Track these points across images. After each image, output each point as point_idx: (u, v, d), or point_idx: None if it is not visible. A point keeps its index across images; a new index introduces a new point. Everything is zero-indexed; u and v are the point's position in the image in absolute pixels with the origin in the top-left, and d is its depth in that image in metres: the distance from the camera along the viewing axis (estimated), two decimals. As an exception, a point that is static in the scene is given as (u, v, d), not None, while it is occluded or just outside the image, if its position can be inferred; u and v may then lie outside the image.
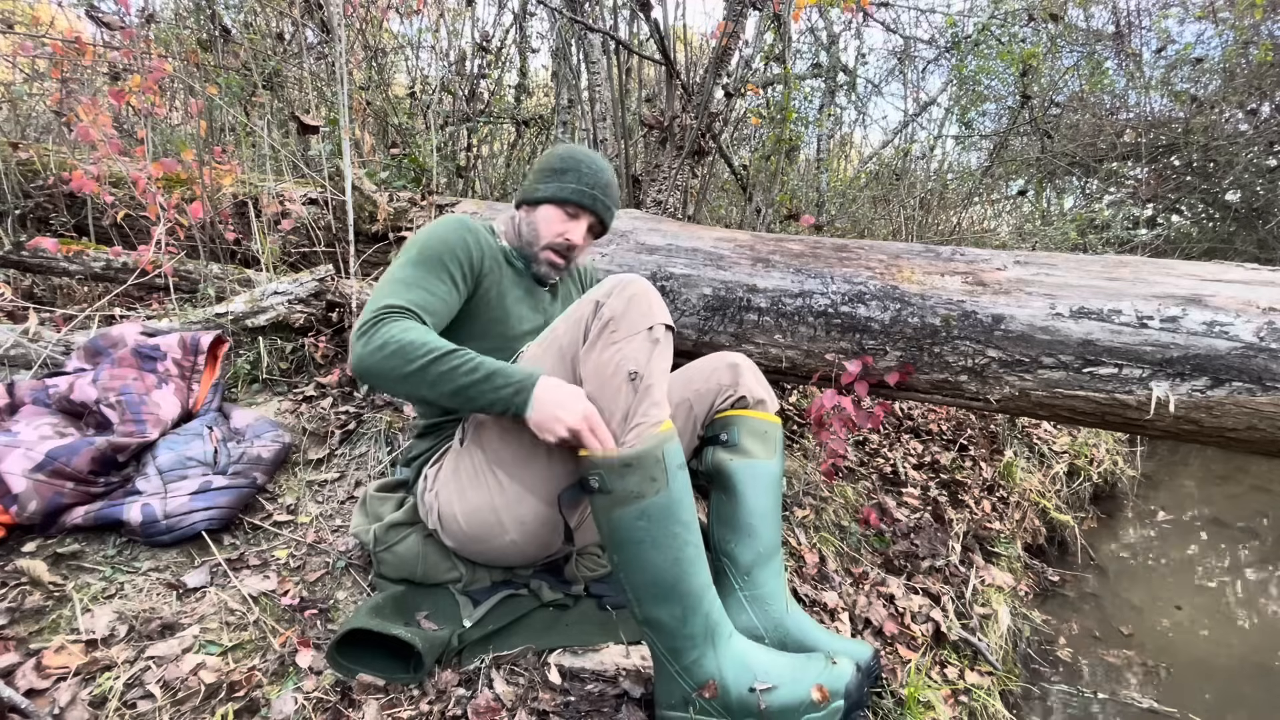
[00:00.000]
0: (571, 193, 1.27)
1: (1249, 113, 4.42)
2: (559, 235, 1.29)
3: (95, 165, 2.12)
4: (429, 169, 2.36)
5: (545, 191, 1.29)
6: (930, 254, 1.69)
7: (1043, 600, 2.18)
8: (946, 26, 3.90)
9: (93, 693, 0.95)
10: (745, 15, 2.39)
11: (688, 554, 1.00)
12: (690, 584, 1.00)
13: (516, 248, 1.34)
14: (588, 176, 1.28)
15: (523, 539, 1.15)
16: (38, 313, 1.81)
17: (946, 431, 2.68)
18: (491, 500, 1.13)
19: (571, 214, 1.29)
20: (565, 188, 1.27)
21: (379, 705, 1.00)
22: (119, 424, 1.40)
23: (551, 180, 1.28)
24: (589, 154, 1.31)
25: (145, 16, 2.37)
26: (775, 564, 1.21)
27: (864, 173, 4.33)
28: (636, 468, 0.98)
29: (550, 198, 1.28)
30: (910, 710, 1.26)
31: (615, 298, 1.04)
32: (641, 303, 1.04)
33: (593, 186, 1.28)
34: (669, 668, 1.01)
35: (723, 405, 1.27)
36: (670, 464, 1.00)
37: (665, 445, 1.00)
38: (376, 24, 3.21)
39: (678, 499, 1.00)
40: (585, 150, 1.32)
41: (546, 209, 1.29)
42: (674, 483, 1.00)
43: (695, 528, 1.02)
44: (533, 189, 1.31)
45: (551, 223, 1.29)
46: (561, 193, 1.27)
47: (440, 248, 1.18)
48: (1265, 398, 1.32)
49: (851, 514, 1.88)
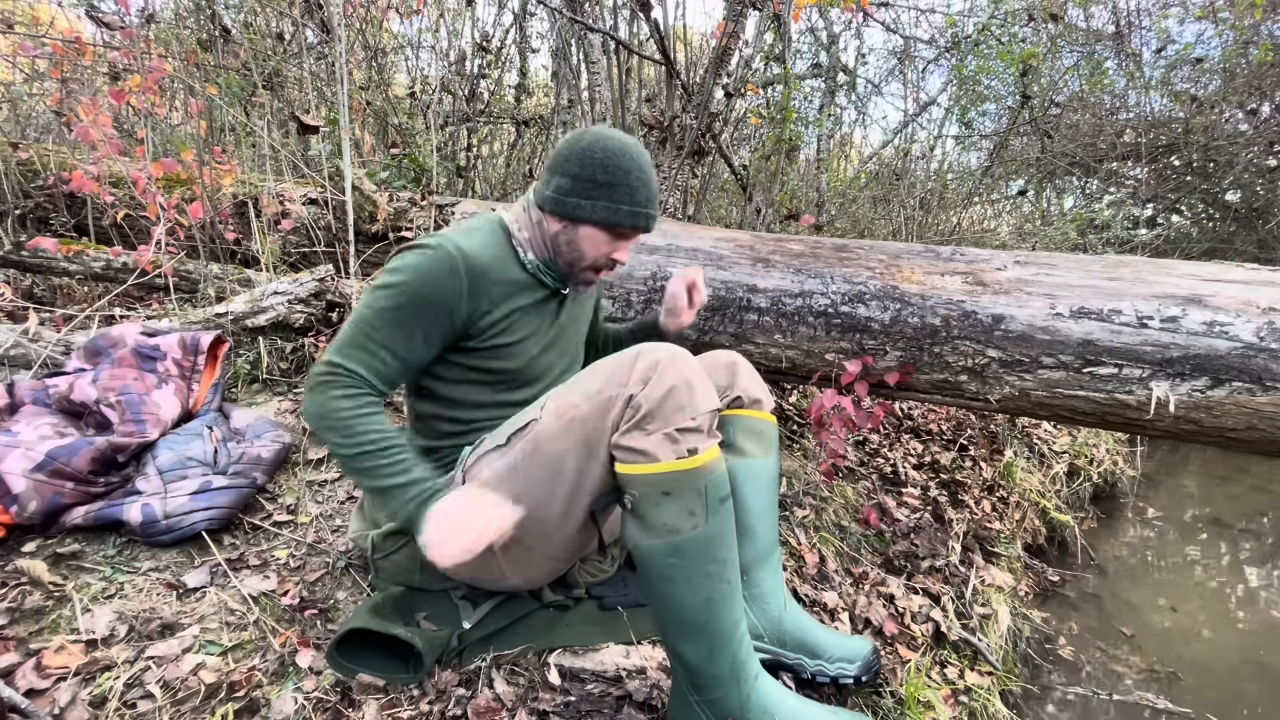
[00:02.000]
0: (626, 216, 1.10)
1: (1249, 113, 4.42)
2: (605, 257, 1.15)
3: (95, 165, 2.12)
4: (429, 169, 2.36)
5: (590, 212, 1.10)
6: (930, 254, 1.69)
7: (1043, 600, 2.18)
8: (946, 26, 3.90)
9: (93, 693, 0.95)
10: (745, 15, 2.40)
11: (721, 592, 0.95)
12: (721, 623, 0.95)
13: (547, 261, 1.17)
14: (640, 192, 1.10)
15: (525, 581, 1.17)
16: (38, 313, 1.81)
17: (946, 431, 2.68)
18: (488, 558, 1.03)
19: (621, 235, 1.14)
20: (617, 210, 1.09)
21: (379, 705, 1.00)
22: (119, 424, 1.40)
23: (597, 196, 1.09)
24: (633, 157, 1.10)
25: (145, 16, 2.37)
26: (773, 562, 1.20)
27: (864, 173, 4.33)
28: (675, 496, 0.92)
29: (599, 220, 1.10)
30: (910, 710, 1.26)
31: (652, 387, 0.93)
32: (680, 395, 0.93)
33: (646, 204, 1.11)
34: (689, 697, 0.99)
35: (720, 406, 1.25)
36: (712, 497, 0.94)
37: (709, 476, 0.93)
38: (376, 24, 3.22)
39: (716, 536, 0.94)
40: (626, 148, 1.10)
41: (591, 230, 1.12)
42: (714, 518, 0.94)
43: (733, 563, 0.97)
44: (573, 204, 1.10)
45: (598, 245, 1.13)
46: (614, 217, 1.09)
47: (415, 299, 1.04)
48: (1265, 398, 1.32)
49: (851, 514, 1.88)
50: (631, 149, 1.10)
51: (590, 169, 1.08)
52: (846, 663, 1.18)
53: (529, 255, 1.16)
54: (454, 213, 2.16)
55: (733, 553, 0.98)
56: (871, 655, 1.20)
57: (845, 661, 1.18)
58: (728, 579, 0.96)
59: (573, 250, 1.14)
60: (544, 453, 1.00)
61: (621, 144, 1.09)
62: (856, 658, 1.19)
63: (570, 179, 1.10)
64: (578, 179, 1.09)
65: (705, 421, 0.95)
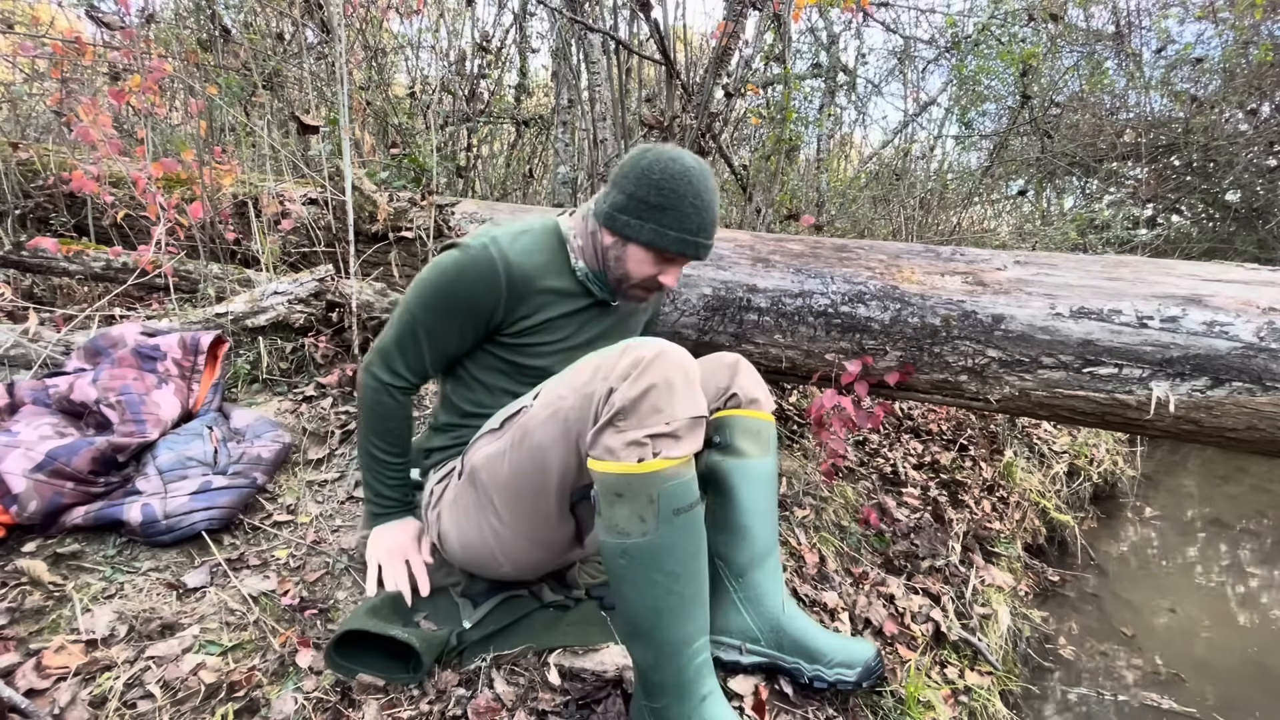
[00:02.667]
0: (673, 242, 1.08)
1: (1249, 113, 4.42)
2: (650, 279, 1.14)
3: (95, 165, 2.12)
4: (429, 169, 2.36)
5: (639, 234, 1.09)
6: (930, 254, 1.69)
7: (1043, 600, 2.18)
8: (946, 26, 3.90)
9: (93, 693, 0.95)
10: (745, 15, 2.40)
11: (669, 604, 0.92)
12: (665, 635, 0.93)
13: (597, 273, 1.18)
14: (692, 219, 1.07)
15: (517, 570, 1.18)
16: (38, 313, 1.81)
17: (946, 431, 2.68)
18: (485, 538, 1.13)
19: (670, 259, 1.13)
20: (665, 236, 1.08)
21: (379, 705, 1.00)
22: (119, 424, 1.40)
23: (647, 218, 1.08)
24: (691, 182, 1.07)
25: (145, 16, 2.37)
26: (771, 563, 1.19)
27: (864, 173, 4.33)
28: (626, 499, 0.91)
29: (647, 241, 1.09)
30: (910, 710, 1.26)
31: (630, 385, 0.91)
32: (657, 396, 0.91)
33: (697, 232, 1.08)
34: (640, 699, 0.99)
35: (717, 406, 1.22)
36: (664, 507, 0.91)
37: (664, 485, 0.91)
38: (376, 24, 3.22)
39: (666, 547, 0.92)
40: (687, 172, 1.07)
41: (638, 251, 1.11)
42: (665, 528, 0.91)
43: (688, 578, 0.94)
44: (624, 222, 1.09)
45: (644, 266, 1.12)
46: (661, 241, 1.08)
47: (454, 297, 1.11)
48: (1265, 398, 1.32)
49: (851, 514, 1.88)
50: (693, 173, 1.07)
51: (645, 189, 1.07)
52: (846, 668, 1.16)
53: (579, 263, 1.18)
54: (454, 212, 2.16)
55: (691, 566, 0.94)
56: (874, 660, 1.17)
57: (844, 667, 1.16)
58: (679, 592, 0.92)
59: (620, 267, 1.14)
60: (531, 441, 1.03)
61: (683, 167, 1.07)
62: (857, 662, 1.16)
63: (626, 196, 1.09)
64: (633, 197, 1.08)
65: (683, 427, 0.92)
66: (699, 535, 0.96)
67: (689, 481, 0.94)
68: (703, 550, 0.96)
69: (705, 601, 0.97)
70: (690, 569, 0.94)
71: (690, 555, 0.94)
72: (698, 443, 0.95)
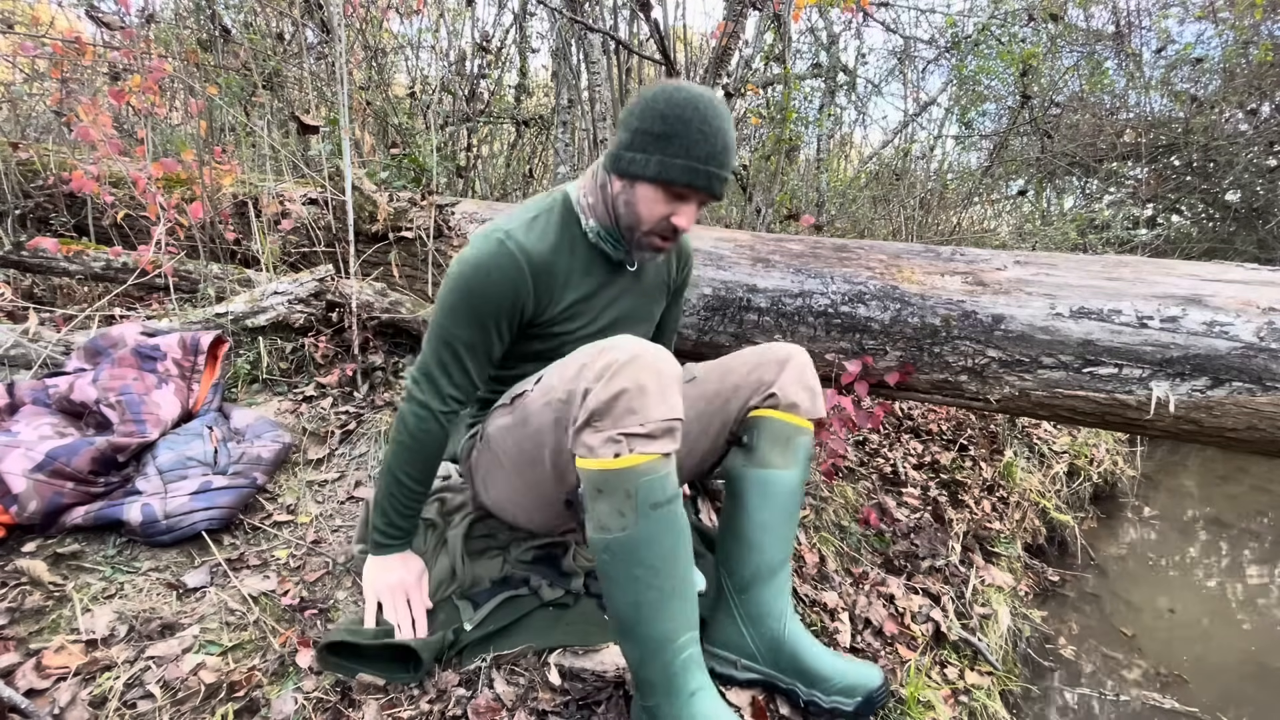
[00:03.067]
0: (680, 171, 1.00)
1: (1249, 113, 4.42)
2: (663, 220, 1.06)
3: (95, 165, 2.12)
4: (429, 169, 2.36)
5: (645, 168, 1.02)
6: (930, 254, 1.69)
7: (1043, 600, 2.18)
8: (946, 26, 3.90)
9: (93, 693, 0.95)
10: (745, 15, 2.40)
11: (649, 599, 0.92)
12: (648, 630, 0.93)
13: (608, 229, 1.13)
14: (700, 146, 0.99)
15: (531, 524, 1.27)
16: (38, 313, 1.81)
17: (946, 431, 2.68)
18: (502, 494, 1.23)
19: (680, 195, 1.04)
20: (671, 165, 1.00)
21: (379, 705, 1.00)
22: (119, 424, 1.40)
23: (653, 149, 1.01)
24: (698, 107, 0.99)
25: (145, 16, 2.37)
26: (778, 581, 1.13)
27: (864, 173, 4.33)
28: (606, 495, 0.92)
29: (653, 175, 1.02)
30: (910, 710, 1.26)
31: (603, 387, 0.91)
32: (629, 399, 0.90)
33: (707, 159, 1.00)
34: (635, 699, 0.99)
35: (755, 403, 1.17)
36: (642, 500, 0.91)
37: (641, 479, 0.91)
38: (376, 24, 3.21)
39: (645, 540, 0.92)
40: (693, 98, 1.00)
41: (646, 189, 1.04)
42: (643, 522, 0.91)
43: (667, 573, 0.93)
44: (629, 159, 1.03)
45: (654, 205, 1.05)
46: (667, 172, 1.01)
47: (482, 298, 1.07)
48: (1265, 398, 1.32)
49: (851, 514, 1.88)
50: (700, 99, 1.00)
51: (649, 120, 1.00)
52: (844, 696, 1.08)
53: (590, 221, 1.13)
54: (454, 212, 2.16)
55: (671, 561, 0.94)
56: (877, 690, 1.09)
57: (843, 695, 1.08)
58: (658, 586, 0.92)
59: (630, 212, 1.07)
60: (530, 425, 1.08)
61: (689, 94, 1.00)
62: (858, 691, 1.08)
63: (631, 133, 1.03)
64: (637, 132, 1.02)
65: (658, 429, 0.92)
66: (678, 529, 0.95)
67: (665, 476, 0.93)
68: (683, 545, 0.96)
69: (689, 597, 0.96)
70: (670, 563, 0.94)
71: (670, 549, 0.94)
72: (674, 442, 0.95)
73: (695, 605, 0.97)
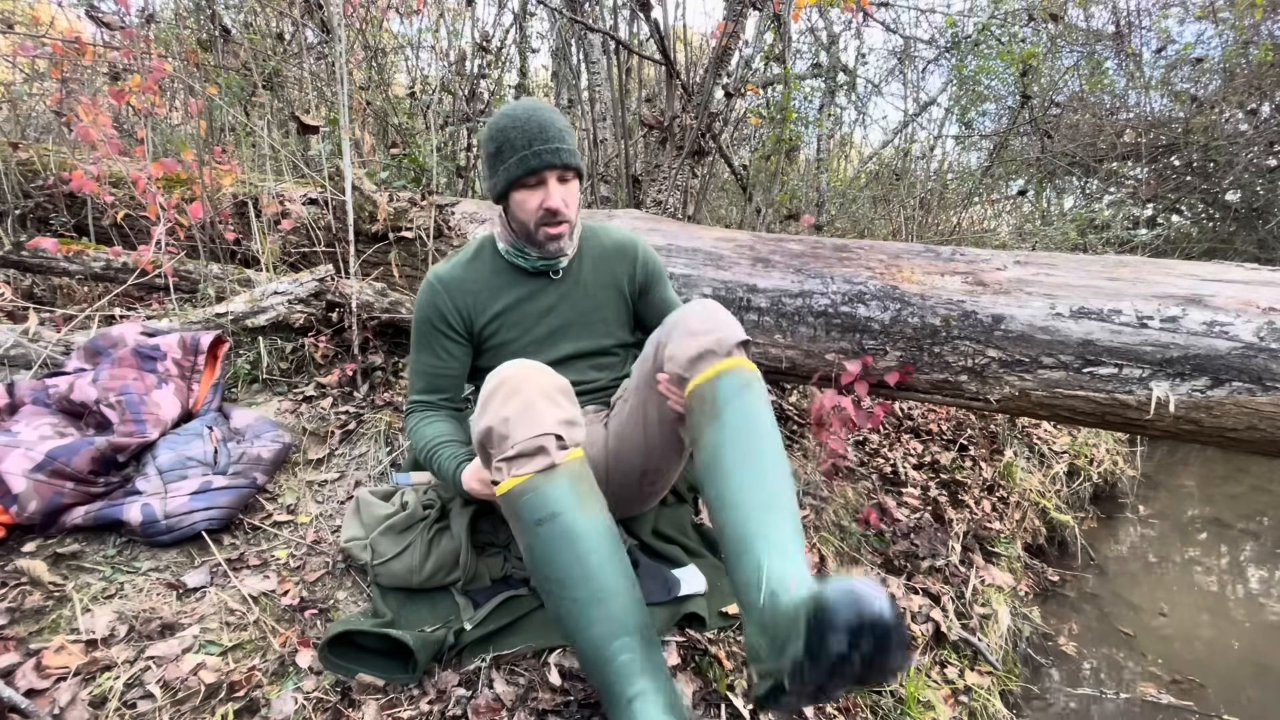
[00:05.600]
0: (517, 166, 1.17)
1: (1249, 113, 4.42)
2: (539, 210, 1.20)
3: (95, 165, 2.12)
4: (429, 169, 2.36)
5: (499, 182, 1.21)
6: (930, 254, 1.68)
7: (1043, 600, 2.18)
8: (946, 26, 3.89)
9: (93, 693, 0.95)
10: (745, 15, 2.40)
11: (566, 610, 0.94)
12: (578, 641, 0.94)
13: (517, 245, 1.29)
14: (519, 139, 1.16)
15: None
16: (38, 313, 1.81)
17: (946, 431, 2.68)
18: None
19: (534, 184, 1.20)
20: (510, 169, 1.18)
21: (379, 705, 1.00)
22: (119, 424, 1.40)
23: (496, 166, 1.20)
24: (511, 114, 1.17)
25: (145, 16, 2.37)
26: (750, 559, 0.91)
27: (864, 173, 4.33)
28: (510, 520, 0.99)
29: (507, 185, 1.20)
30: (910, 710, 1.26)
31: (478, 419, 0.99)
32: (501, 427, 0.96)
33: (530, 144, 1.16)
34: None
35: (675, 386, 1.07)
36: (527, 519, 0.95)
37: (520, 500, 0.95)
38: (376, 24, 3.21)
39: (541, 558, 0.95)
40: (509, 111, 1.19)
41: (514, 196, 1.21)
42: (535, 540, 0.95)
43: (574, 583, 0.93)
44: (491, 184, 1.24)
45: (525, 204, 1.21)
46: (512, 174, 1.18)
47: (422, 326, 1.28)
48: (1265, 398, 1.32)
49: (851, 514, 1.88)
50: (510, 109, 1.19)
51: (485, 149, 1.22)
52: None
53: (501, 244, 1.30)
54: (454, 212, 2.16)
55: (575, 572, 0.93)
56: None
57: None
58: (571, 598, 0.93)
59: (516, 221, 1.25)
60: None
61: (503, 112, 1.19)
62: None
63: (484, 167, 1.24)
64: (484, 163, 1.24)
65: (526, 447, 0.95)
66: (571, 540, 0.93)
67: (541, 493, 0.94)
68: (587, 554, 0.93)
69: (607, 602, 0.92)
70: (574, 574, 0.93)
71: (569, 562, 0.93)
72: (549, 457, 0.95)
73: (629, 609, 0.93)
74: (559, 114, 1.21)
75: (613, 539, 0.97)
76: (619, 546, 0.97)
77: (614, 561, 0.95)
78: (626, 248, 1.39)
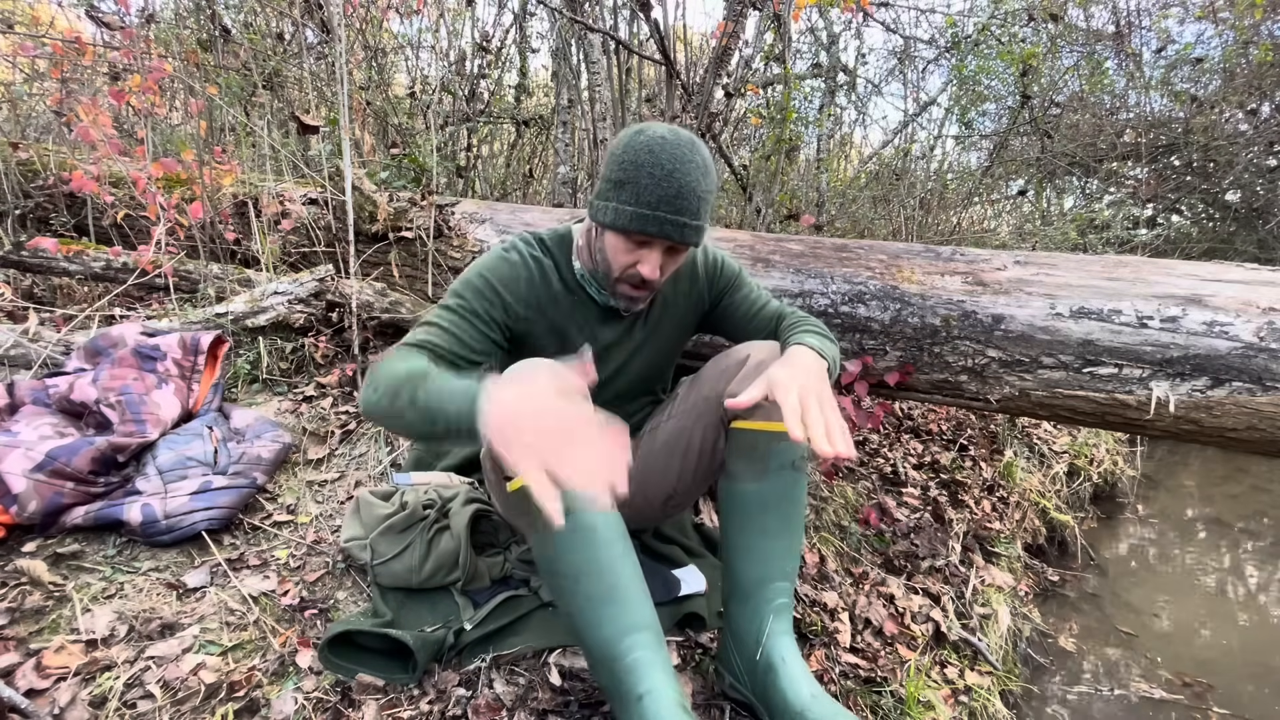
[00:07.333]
0: (630, 219, 0.99)
1: (1249, 113, 4.42)
2: (629, 269, 1.05)
3: (95, 165, 2.12)
4: (429, 169, 2.36)
5: (604, 215, 1.02)
6: (930, 254, 1.68)
7: (1043, 600, 2.18)
8: (946, 26, 3.89)
9: (93, 693, 0.95)
10: (745, 15, 2.40)
11: (577, 606, 0.93)
12: (588, 638, 0.93)
13: (592, 272, 1.12)
14: (650, 191, 0.97)
15: None
16: (38, 313, 1.81)
17: (946, 431, 2.68)
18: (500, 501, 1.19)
19: (640, 242, 1.02)
20: (623, 212, 0.99)
21: (378, 705, 1.00)
22: (119, 424, 1.40)
23: (612, 196, 1.01)
24: (654, 151, 0.97)
25: (145, 16, 2.37)
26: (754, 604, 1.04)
27: (864, 173, 4.33)
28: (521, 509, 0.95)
29: (610, 224, 1.02)
30: (910, 710, 1.26)
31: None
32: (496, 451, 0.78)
33: (656, 205, 0.97)
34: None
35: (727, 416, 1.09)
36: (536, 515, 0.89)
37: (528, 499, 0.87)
38: (376, 24, 3.22)
39: (550, 555, 0.94)
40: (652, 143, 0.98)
41: (611, 237, 1.04)
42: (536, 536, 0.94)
43: (589, 576, 0.91)
44: (597, 206, 1.04)
45: (618, 254, 1.04)
46: (619, 220, 1.00)
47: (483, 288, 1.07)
48: (1265, 398, 1.32)
49: (851, 514, 1.88)
50: (657, 143, 0.98)
51: (612, 167, 1.01)
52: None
53: (577, 262, 1.14)
54: (454, 212, 2.16)
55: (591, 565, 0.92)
56: None
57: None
58: (584, 593, 0.91)
59: (603, 259, 1.07)
60: None
61: (649, 138, 0.98)
62: None
63: (602, 179, 1.04)
64: (604, 178, 1.03)
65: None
66: (586, 535, 0.92)
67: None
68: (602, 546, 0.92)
69: (622, 599, 0.91)
70: (588, 570, 0.91)
71: (585, 557, 0.92)
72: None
73: (640, 606, 0.93)
74: (708, 173, 1.01)
75: (625, 536, 0.97)
76: (631, 544, 0.98)
77: (627, 558, 0.95)
78: (697, 271, 1.24)
